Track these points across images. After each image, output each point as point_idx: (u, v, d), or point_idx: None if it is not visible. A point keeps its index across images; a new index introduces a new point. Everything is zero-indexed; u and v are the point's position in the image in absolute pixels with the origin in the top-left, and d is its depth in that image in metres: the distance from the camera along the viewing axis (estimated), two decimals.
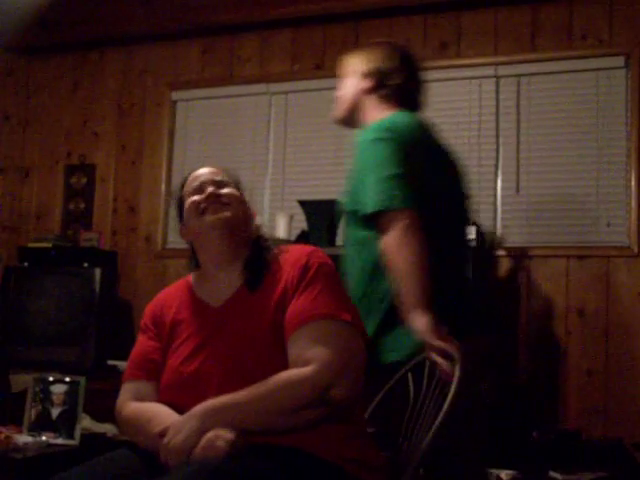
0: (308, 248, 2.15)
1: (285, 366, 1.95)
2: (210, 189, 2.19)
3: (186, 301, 2.21)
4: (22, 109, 5.81)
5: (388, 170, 2.59)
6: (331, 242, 4.28)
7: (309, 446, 1.89)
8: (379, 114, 2.81)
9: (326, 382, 1.88)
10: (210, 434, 1.85)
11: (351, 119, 2.95)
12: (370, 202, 2.60)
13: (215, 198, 2.17)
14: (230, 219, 2.15)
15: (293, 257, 2.10)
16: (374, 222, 2.60)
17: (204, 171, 2.25)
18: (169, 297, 2.27)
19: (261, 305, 2.05)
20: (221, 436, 1.84)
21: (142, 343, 2.23)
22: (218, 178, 2.22)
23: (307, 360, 1.90)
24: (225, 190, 2.19)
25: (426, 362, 2.35)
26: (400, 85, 2.86)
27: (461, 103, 4.74)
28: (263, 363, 1.97)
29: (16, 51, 5.75)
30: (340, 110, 2.98)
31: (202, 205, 2.17)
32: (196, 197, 2.19)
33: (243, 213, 2.19)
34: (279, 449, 1.87)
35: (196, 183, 2.22)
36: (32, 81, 5.80)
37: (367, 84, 2.88)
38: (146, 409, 2.09)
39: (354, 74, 2.92)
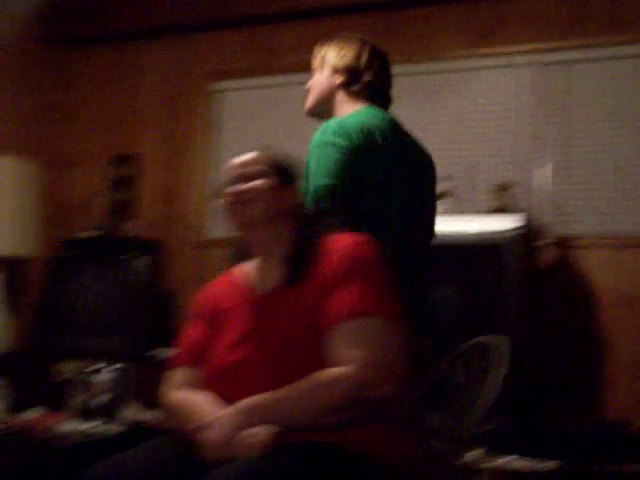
0: (354, 238, 2.10)
1: (325, 358, 1.93)
2: (234, 187, 2.16)
3: (234, 290, 2.21)
4: (68, 101, 5.84)
5: (325, 179, 2.54)
6: None
7: (348, 443, 1.88)
8: (349, 109, 2.82)
9: (367, 383, 1.87)
10: (250, 430, 1.86)
11: (321, 111, 2.96)
12: (307, 204, 2.59)
13: (236, 198, 2.15)
14: (253, 217, 2.14)
15: (338, 247, 2.06)
16: None
17: (235, 163, 2.22)
18: (219, 285, 2.28)
19: (303, 296, 2.03)
20: (260, 433, 1.85)
21: (191, 330, 2.25)
22: (247, 170, 2.18)
23: (348, 360, 1.88)
24: (250, 184, 2.15)
25: (470, 351, 2.32)
26: (370, 82, 2.88)
27: (506, 91, 4.69)
28: (303, 356, 1.96)
29: (60, 43, 5.78)
30: (311, 102, 2.98)
31: (227, 206, 2.17)
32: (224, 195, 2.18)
33: (274, 203, 2.15)
34: (318, 446, 1.87)
35: (226, 178, 2.21)
36: (78, 72, 5.83)
37: (338, 79, 2.89)
38: (190, 399, 2.09)
39: (325, 67, 2.93)
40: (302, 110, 4.96)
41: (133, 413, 4.15)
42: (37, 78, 5.71)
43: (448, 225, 3.94)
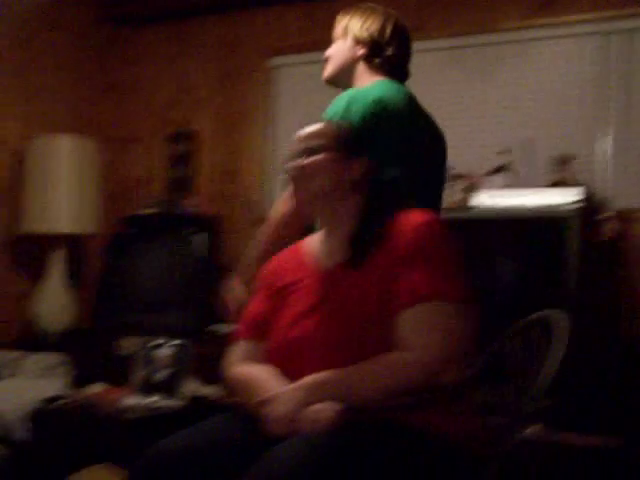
0: (423, 217, 2.05)
1: (390, 340, 1.92)
2: (296, 161, 2.16)
3: (300, 264, 2.19)
4: (125, 79, 5.89)
5: None
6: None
7: (414, 419, 1.88)
8: (368, 80, 2.84)
9: (435, 369, 1.86)
10: (315, 407, 1.87)
11: (340, 81, 2.97)
12: None
13: (298, 172, 2.14)
14: (314, 192, 2.12)
15: (406, 226, 2.02)
16: None
17: (300, 135, 2.21)
18: (285, 259, 2.26)
19: (370, 276, 2.01)
20: (325, 409, 1.85)
21: (255, 303, 2.24)
22: (309, 143, 2.16)
23: (416, 345, 1.87)
24: (311, 159, 2.14)
25: (530, 326, 2.30)
26: (392, 56, 2.89)
27: (566, 62, 4.61)
28: (368, 335, 1.95)
29: (119, 21, 5.82)
30: (331, 71, 2.99)
31: (290, 180, 2.16)
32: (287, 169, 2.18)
33: (336, 178, 2.12)
34: (383, 423, 1.86)
35: (291, 151, 2.20)
36: (135, 51, 5.87)
37: (360, 51, 2.90)
38: (253, 373, 2.10)
39: (347, 37, 2.94)
40: None
41: (193, 388, 4.19)
42: (96, 57, 5.76)
43: (507, 199, 3.90)
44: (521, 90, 4.64)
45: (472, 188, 4.04)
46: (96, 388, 4.23)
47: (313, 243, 2.22)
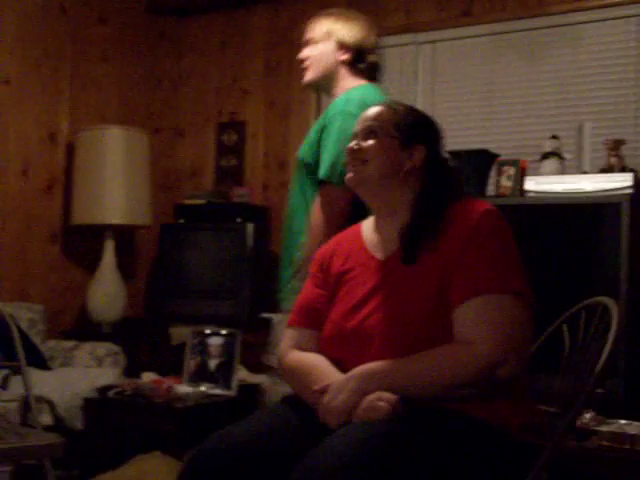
0: (482, 207, 2.01)
1: (448, 331, 1.91)
2: (354, 142, 2.14)
3: (355, 250, 2.16)
4: (174, 70, 5.92)
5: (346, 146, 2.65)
6: (482, 193, 4.20)
7: (471, 409, 1.86)
8: (350, 84, 2.91)
9: (492, 364, 1.84)
10: (372, 396, 1.86)
11: (321, 85, 3.02)
12: (323, 169, 2.78)
13: (354, 154, 2.12)
14: (366, 176, 2.10)
15: (464, 216, 1.99)
16: (319, 187, 2.81)
17: (363, 116, 2.16)
18: (339, 245, 2.23)
19: (426, 264, 1.98)
20: (383, 398, 1.85)
21: (309, 290, 2.22)
22: (369, 126, 2.12)
23: (474, 339, 1.86)
24: (368, 143, 2.11)
25: (582, 312, 2.28)
26: (374, 62, 2.99)
27: (615, 44, 4.53)
28: (425, 328, 1.93)
29: (168, 13, 5.86)
30: (313, 74, 3.00)
31: (347, 162, 2.15)
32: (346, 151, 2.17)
33: (390, 164, 2.08)
34: (441, 412, 1.85)
35: (354, 132, 2.18)
36: (183, 42, 5.90)
37: (345, 56, 2.95)
38: (307, 361, 2.09)
39: (330, 41, 2.96)
40: (407, 71, 4.91)
41: (244, 376, 4.22)
42: (145, 49, 5.80)
43: (557, 185, 3.86)
44: (571, 74, 4.58)
45: (521, 174, 4.01)
46: (148, 377, 4.28)
47: (368, 229, 2.19)
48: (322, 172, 2.78)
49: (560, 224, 3.82)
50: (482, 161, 4.14)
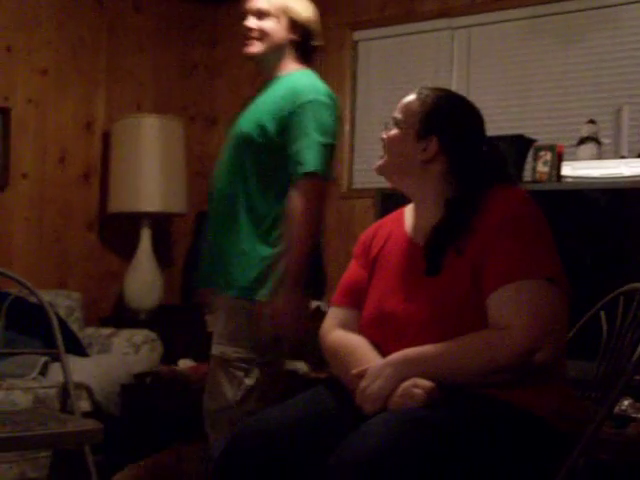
0: (515, 193, 2.02)
1: (483, 317, 1.90)
2: (383, 131, 2.17)
3: (395, 233, 2.18)
4: (209, 58, 5.94)
5: (328, 139, 2.76)
6: (519, 178, 4.18)
7: (507, 395, 1.86)
8: (293, 68, 2.92)
9: (528, 350, 1.83)
10: (407, 382, 1.87)
11: (267, 60, 2.96)
12: (311, 161, 2.70)
13: (381, 143, 2.16)
14: (382, 166, 2.15)
15: (498, 203, 1.99)
16: (300, 180, 2.71)
17: (398, 105, 2.16)
18: (382, 227, 2.25)
19: (462, 250, 1.98)
20: (419, 384, 1.85)
21: (353, 270, 2.24)
22: (394, 115, 2.14)
23: (509, 324, 1.85)
24: (390, 133, 2.14)
25: (620, 298, 2.26)
26: (316, 48, 3.00)
27: None
28: (462, 311, 1.93)
29: (201, 1, 5.87)
30: (261, 47, 2.94)
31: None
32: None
33: (401, 155, 2.10)
34: (476, 398, 1.85)
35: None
36: (217, 29, 5.91)
37: (294, 36, 2.93)
38: (349, 341, 2.10)
39: (283, 18, 2.92)
40: (442, 57, 4.87)
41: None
42: (180, 38, 5.82)
43: (594, 170, 3.83)
44: (608, 57, 4.52)
45: (558, 160, 3.98)
46: (185, 363, 4.30)
47: (410, 213, 2.20)
48: (311, 164, 2.71)
49: (597, 210, 3.79)
50: (518, 147, 4.11)
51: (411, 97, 2.14)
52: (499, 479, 1.79)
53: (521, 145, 4.12)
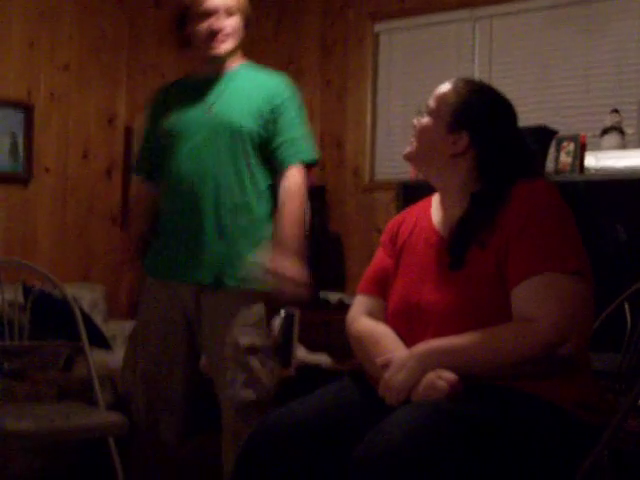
0: (538, 186, 2.00)
1: (507, 311, 1.90)
2: (415, 119, 2.15)
3: (421, 223, 2.17)
4: None
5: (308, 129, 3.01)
6: (541, 169, 4.16)
7: (532, 387, 1.85)
8: (239, 60, 3.06)
9: (554, 342, 1.83)
10: (431, 374, 1.86)
11: (228, 56, 3.01)
12: (311, 151, 2.95)
13: (413, 130, 2.14)
14: (411, 153, 2.14)
15: (522, 196, 1.97)
16: (297, 166, 2.89)
17: (433, 93, 2.14)
18: (409, 216, 2.24)
19: (486, 243, 1.97)
20: (443, 376, 1.85)
21: (379, 258, 2.23)
22: (431, 104, 2.11)
23: (534, 316, 1.84)
24: (421, 121, 2.12)
25: None
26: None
27: None
28: (487, 304, 1.93)
29: None
30: (231, 45, 2.99)
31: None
32: None
33: (433, 146, 2.09)
34: (501, 390, 1.85)
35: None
36: None
37: (244, 29, 3.02)
38: (375, 330, 2.11)
39: (241, 14, 3.00)
40: (464, 47, 4.86)
41: (303, 356, 4.23)
42: None
43: (617, 160, 3.81)
44: (631, 46, 4.49)
45: (581, 150, 3.95)
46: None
47: (436, 203, 2.19)
48: (312, 155, 2.94)
49: (621, 200, 3.76)
50: (541, 137, 4.09)
51: (447, 87, 2.12)
52: (525, 471, 1.78)
53: (544, 136, 4.10)
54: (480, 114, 2.08)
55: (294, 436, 1.89)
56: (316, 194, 5.21)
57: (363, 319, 2.16)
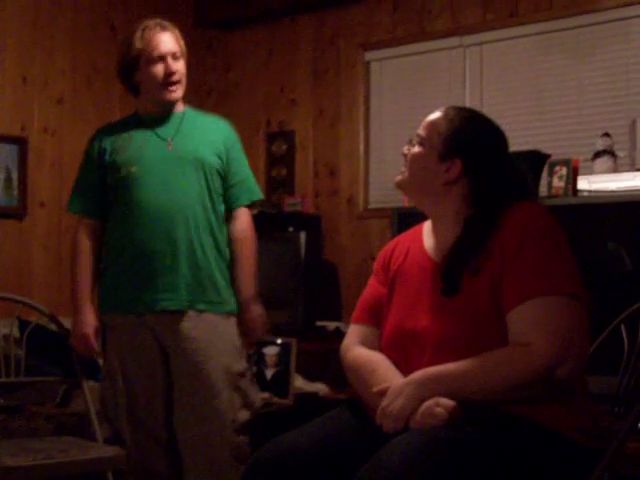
0: (531, 209, 2.01)
1: (502, 335, 1.90)
2: (405, 147, 2.15)
3: (414, 250, 2.17)
4: (222, 82, 5.97)
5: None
6: (535, 193, 4.17)
7: (529, 412, 1.85)
8: (183, 103, 3.19)
9: (549, 366, 1.83)
10: (429, 402, 1.86)
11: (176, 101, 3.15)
12: (258, 191, 3.27)
13: (404, 159, 2.15)
14: (402, 182, 2.14)
15: (515, 219, 1.98)
16: (248, 205, 3.18)
17: (423, 122, 2.15)
18: (401, 243, 2.23)
19: (480, 269, 1.97)
20: (440, 403, 1.85)
21: (372, 287, 2.23)
22: (421, 133, 2.12)
23: (530, 341, 1.84)
24: (413, 150, 2.12)
25: None
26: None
27: None
28: (482, 330, 1.93)
29: (214, 27, 5.90)
30: (183, 90, 3.13)
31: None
32: None
33: (422, 175, 2.09)
34: (498, 415, 1.85)
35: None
36: (230, 54, 5.95)
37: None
38: (370, 359, 2.10)
39: (184, 59, 3.13)
40: (454, 74, 4.88)
41: (300, 385, 4.22)
42: (194, 61, 5.81)
43: (610, 183, 3.82)
44: (621, 70, 4.51)
45: (574, 174, 3.96)
46: None
47: (428, 229, 2.18)
48: (260, 194, 3.26)
49: (614, 223, 3.77)
50: (534, 162, 4.10)
51: (437, 115, 2.12)
52: None
53: (536, 160, 4.11)
54: (472, 141, 2.08)
55: (292, 465, 1.89)
56: (311, 223, 5.22)
57: (357, 349, 2.15)
